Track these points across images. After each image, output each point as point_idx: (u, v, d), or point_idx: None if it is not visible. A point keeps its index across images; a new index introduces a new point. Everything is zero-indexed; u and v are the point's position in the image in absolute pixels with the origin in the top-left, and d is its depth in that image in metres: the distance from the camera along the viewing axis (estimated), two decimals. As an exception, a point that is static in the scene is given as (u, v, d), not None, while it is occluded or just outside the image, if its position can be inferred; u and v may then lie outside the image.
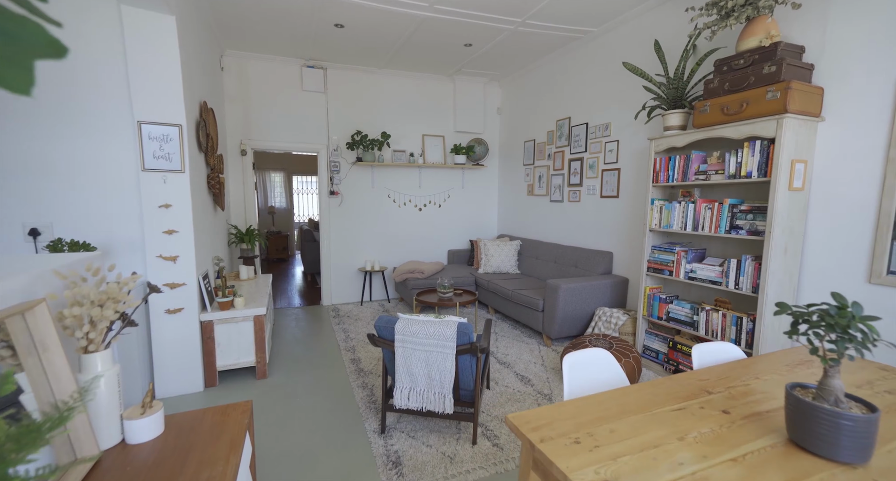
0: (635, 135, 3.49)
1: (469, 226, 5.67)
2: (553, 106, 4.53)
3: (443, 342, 1.90)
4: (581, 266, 3.94)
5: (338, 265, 5.00)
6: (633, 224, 3.56)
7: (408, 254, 5.36)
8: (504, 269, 4.75)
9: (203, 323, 2.66)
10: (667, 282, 3.12)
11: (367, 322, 4.23)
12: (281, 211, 9.01)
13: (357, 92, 4.85)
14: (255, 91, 4.40)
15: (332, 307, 4.85)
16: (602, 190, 3.89)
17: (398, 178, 5.19)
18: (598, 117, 3.91)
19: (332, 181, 4.85)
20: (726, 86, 2.37)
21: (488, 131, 5.61)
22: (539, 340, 3.68)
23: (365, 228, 5.09)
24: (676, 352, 2.81)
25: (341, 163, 4.88)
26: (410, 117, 5.16)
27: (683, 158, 2.75)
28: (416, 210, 5.34)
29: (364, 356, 3.30)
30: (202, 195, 2.93)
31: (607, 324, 3.26)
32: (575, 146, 4.22)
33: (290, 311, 4.70)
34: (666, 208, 2.89)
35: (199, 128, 2.83)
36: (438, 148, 5.32)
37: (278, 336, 3.82)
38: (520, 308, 3.84)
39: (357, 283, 5.12)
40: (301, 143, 4.67)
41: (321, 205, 4.89)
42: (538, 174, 4.85)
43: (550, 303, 3.43)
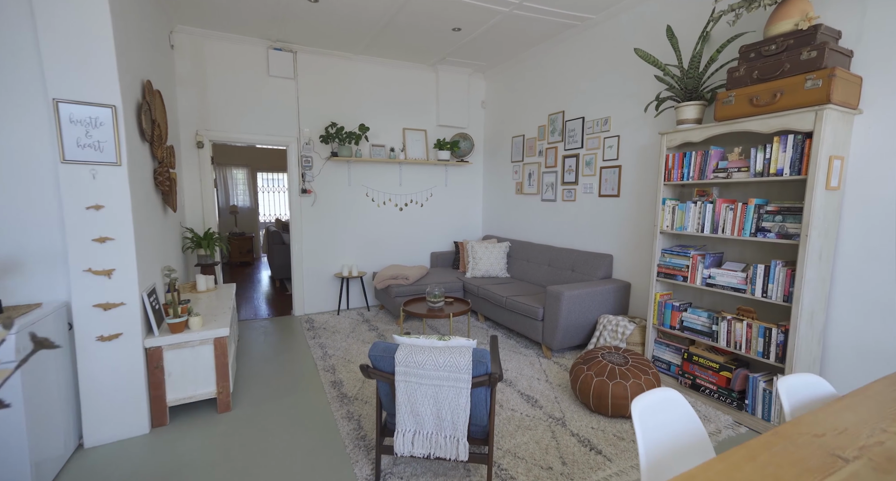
0: (639, 130, 3.26)
1: (453, 227, 5.33)
2: (545, 99, 4.26)
3: (456, 374, 1.55)
4: (578, 270, 3.70)
5: (311, 271, 4.53)
6: (636, 225, 3.34)
7: (389, 258, 4.96)
8: (493, 273, 4.45)
9: (149, 350, 2.18)
10: (677, 288, 2.91)
11: (346, 334, 3.81)
12: (244, 210, 8.33)
13: (331, 79, 4.39)
14: (213, 74, 3.86)
15: (305, 318, 4.38)
16: (601, 188, 3.66)
17: (377, 175, 4.78)
18: (596, 111, 3.66)
19: (304, 178, 4.37)
20: (755, 74, 2.15)
21: (472, 126, 5.29)
22: (538, 351, 3.40)
23: (341, 230, 4.64)
24: (692, 364, 2.59)
25: (314, 159, 4.41)
26: (390, 109, 4.76)
27: (700, 155, 2.52)
28: (397, 210, 4.94)
29: (347, 377, 2.89)
30: (147, 194, 2.43)
31: (613, 334, 3.02)
32: (570, 142, 3.97)
33: (257, 324, 4.19)
34: (679, 209, 2.67)
35: (142, 113, 2.33)
36: (420, 143, 4.95)
37: (244, 355, 3.34)
38: (516, 316, 3.55)
39: (333, 290, 4.67)
40: (268, 136, 4.17)
41: (292, 205, 4.41)
42: (528, 171, 4.58)
43: (552, 311, 3.15)
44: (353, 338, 3.70)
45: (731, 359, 2.48)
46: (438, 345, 1.85)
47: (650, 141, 3.18)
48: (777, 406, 2.15)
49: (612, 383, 2.28)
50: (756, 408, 2.25)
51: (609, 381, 2.30)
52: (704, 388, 2.51)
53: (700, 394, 2.54)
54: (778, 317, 2.32)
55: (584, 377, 2.40)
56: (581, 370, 2.46)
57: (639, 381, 2.28)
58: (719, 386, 2.43)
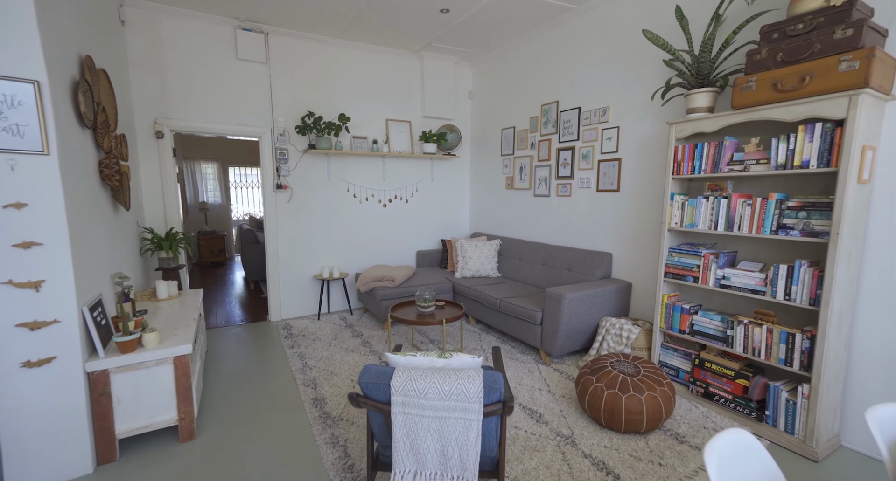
0: (641, 120, 3.07)
1: (440, 224, 5.07)
2: (537, 89, 4.03)
3: (465, 404, 1.30)
4: (575, 269, 3.50)
5: (288, 272, 4.19)
6: (637, 221, 3.16)
7: (372, 258, 4.66)
8: (484, 273, 4.22)
9: (92, 374, 1.84)
10: (685, 290, 2.74)
11: (328, 342, 3.50)
12: (215, 207, 7.82)
13: (308, 65, 4.04)
14: (173, 56, 3.45)
15: (282, 323, 4.04)
16: (599, 183, 3.46)
17: (359, 169, 4.46)
18: (593, 101, 3.46)
19: (279, 172, 4.01)
20: (779, 56, 1.97)
21: (459, 117, 5.02)
22: (535, 357, 3.19)
23: (320, 228, 4.31)
24: (704, 371, 2.43)
25: (290, 151, 4.05)
26: (373, 99, 4.44)
27: (714, 146, 2.34)
28: (381, 206, 4.64)
29: (330, 393, 2.61)
30: (90, 189, 2.07)
31: (617, 339, 2.83)
32: (564, 134, 3.75)
33: (228, 332, 3.83)
34: (690, 204, 2.48)
35: (80, 94, 1.96)
36: (405, 135, 4.65)
37: (214, 369, 3.00)
38: (511, 320, 3.32)
39: (312, 293, 4.34)
40: (238, 126, 3.79)
41: (266, 202, 4.04)
42: (519, 165, 4.35)
43: (552, 315, 2.93)
44: (335, 347, 3.40)
45: (746, 365, 2.32)
46: (439, 365, 1.59)
47: (653, 132, 2.99)
48: (802, 418, 2.00)
49: (626, 396, 2.08)
50: (778, 420, 2.09)
51: (622, 394, 2.09)
52: (719, 397, 2.35)
53: (714, 404, 2.37)
54: (800, 321, 2.17)
55: (594, 389, 2.19)
56: (589, 381, 2.26)
57: (654, 394, 2.09)
58: (735, 395, 2.27)
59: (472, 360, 1.60)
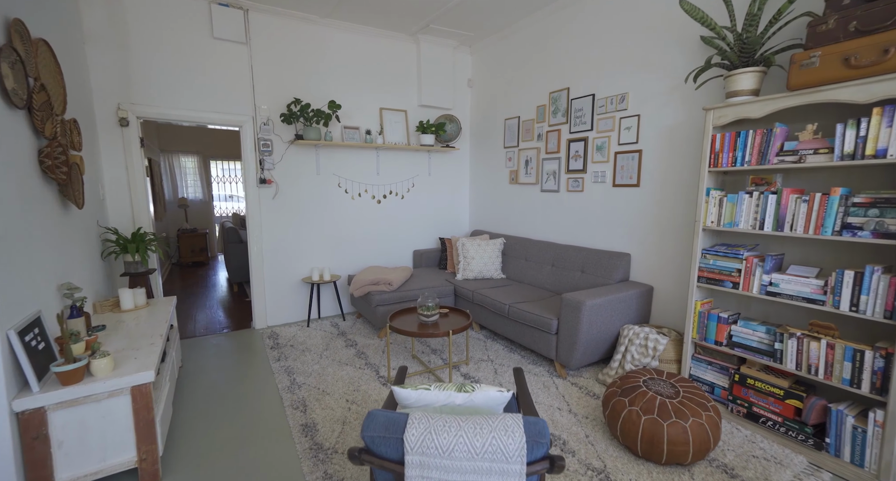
0: (665, 107, 2.77)
1: (438, 222, 4.74)
2: (545, 75, 3.71)
3: (503, 464, 0.99)
4: (590, 271, 3.21)
5: (274, 276, 3.83)
6: (659, 219, 2.88)
7: (366, 258, 4.31)
8: (487, 274, 3.91)
9: (22, 414, 1.48)
10: (719, 296, 2.46)
11: (319, 353, 3.16)
12: (196, 203, 7.37)
13: (293, 47, 3.65)
14: (139, 32, 3.04)
15: (268, 331, 3.68)
16: (615, 177, 3.17)
17: (351, 162, 4.10)
18: (609, 87, 3.15)
19: (262, 166, 3.64)
20: (851, 26, 1.68)
21: (458, 107, 4.68)
22: (549, 369, 2.90)
23: (309, 227, 3.95)
24: (746, 389, 2.15)
25: (274, 142, 3.68)
26: (365, 86, 4.07)
27: (761, 134, 2.05)
28: (375, 202, 4.29)
29: (322, 418, 2.28)
30: (21, 183, 1.69)
31: (642, 350, 2.55)
32: (576, 123, 3.44)
33: (208, 342, 3.46)
34: (729, 201, 2.20)
35: (5, 64, 1.58)
36: (400, 125, 4.30)
37: (187, 389, 2.64)
38: (521, 327, 3.02)
39: (301, 298, 3.99)
40: (215, 113, 3.40)
41: (248, 199, 3.67)
42: (524, 158, 4.04)
43: (569, 324, 2.64)
44: (327, 359, 3.07)
45: (794, 382, 2.06)
46: (458, 402, 1.28)
47: (680, 120, 2.70)
48: (874, 449, 1.73)
49: (667, 424, 1.80)
50: (842, 450, 1.83)
51: (662, 421, 1.81)
52: (765, 419, 2.08)
53: (760, 427, 2.10)
54: (869, 335, 1.90)
55: (628, 414, 1.90)
56: (621, 404, 1.96)
57: (699, 420, 1.80)
58: (786, 418, 2.00)
59: (498, 395, 1.30)
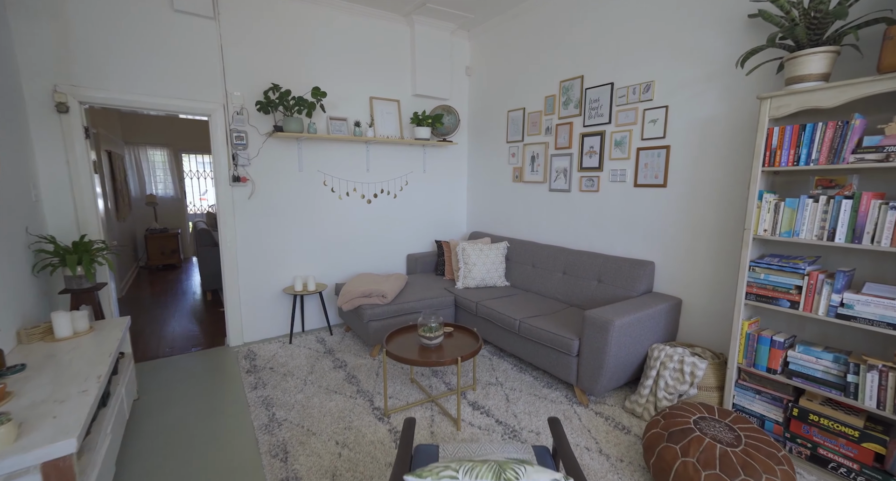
0: (699, 97, 2.44)
1: (433, 223, 4.35)
2: (555, 62, 3.34)
3: None
4: (608, 281, 2.88)
5: (251, 286, 3.39)
6: (690, 224, 2.55)
7: (355, 265, 3.90)
8: (490, 282, 3.55)
9: None
10: (766, 315, 2.15)
11: (303, 378, 2.76)
12: (167, 201, 6.79)
13: (270, 24, 3.19)
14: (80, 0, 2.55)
15: (244, 350, 3.25)
16: (637, 176, 2.83)
17: (338, 158, 3.67)
18: (631, 74, 2.80)
19: (236, 160, 3.18)
20: (971, -7, 1.35)
21: (456, 98, 4.28)
22: (567, 393, 2.56)
23: (291, 230, 3.51)
24: (808, 426, 1.85)
25: (249, 135, 3.22)
26: (354, 72, 3.63)
27: (833, 127, 1.72)
28: (364, 202, 3.88)
29: (306, 469, 1.88)
30: None
31: (677, 375, 2.23)
32: (592, 116, 3.09)
33: (173, 364, 3.01)
34: (787, 206, 1.87)
35: None
36: (392, 116, 3.88)
37: (140, 434, 2.20)
38: (535, 346, 2.68)
39: (282, 310, 3.56)
40: (178, 99, 2.92)
41: (220, 198, 3.21)
42: (530, 154, 3.68)
43: (594, 345, 2.30)
44: (312, 385, 2.66)
45: (866, 419, 1.76)
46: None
47: (718, 112, 2.36)
48: None
49: (736, 482, 1.47)
50: (941, 508, 1.54)
51: (729, 480, 1.48)
52: (836, 465, 1.78)
53: (831, 473, 1.80)
54: (962, 368, 1.61)
55: (683, 468, 1.57)
56: (670, 452, 1.63)
57: (773, 478, 1.48)
58: (863, 465, 1.70)
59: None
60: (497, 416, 2.31)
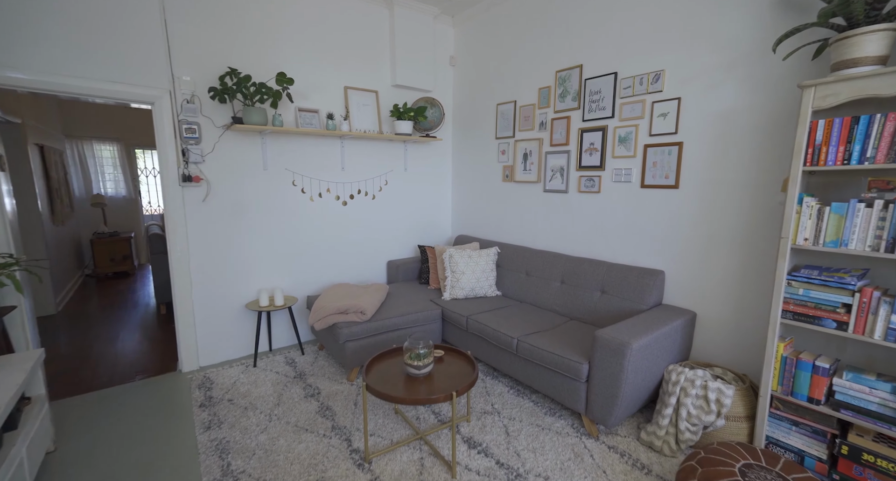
0: (717, 87, 2.17)
1: (416, 227, 3.99)
2: (551, 50, 3.04)
3: None
4: (612, 291, 2.60)
5: (208, 301, 2.94)
6: (706, 229, 2.29)
7: (329, 274, 3.49)
8: (480, 291, 3.23)
9: None
10: (802, 334, 1.91)
11: (268, 412, 2.35)
12: (118, 201, 6.13)
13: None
14: (-20, -42, 2.05)
15: (199, 376, 2.80)
16: (645, 175, 2.56)
17: (309, 154, 3.25)
18: (637, 63, 2.52)
19: (187, 157, 2.73)
20: None
21: (440, 89, 3.93)
22: (573, 422, 2.26)
23: (255, 237, 3.08)
24: (862, 467, 1.60)
25: (203, 127, 2.77)
26: (327, 58, 3.22)
27: (894, 120, 1.47)
28: (339, 204, 3.47)
29: (264, 546, 1.49)
30: None
31: (701, 403, 1.95)
32: (592, 109, 2.80)
33: (109, 398, 2.54)
34: (834, 212, 1.62)
35: None
36: (370, 109, 3.49)
37: (59, 492, 1.76)
38: (535, 368, 2.36)
39: (245, 328, 3.12)
40: (110, 83, 2.45)
41: (168, 201, 2.75)
42: (522, 151, 3.36)
43: (607, 371, 2.00)
44: (279, 421, 2.26)
45: (927, 457, 1.52)
46: None
47: (740, 104, 2.10)
48: None
49: (806, 557, 1.18)
50: None
51: (797, 553, 1.19)
52: (897, 513, 1.53)
53: (888, 523, 1.56)
54: None
55: (737, 535, 1.28)
56: (718, 513, 1.34)
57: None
58: (931, 515, 1.46)
59: None
60: (497, 456, 1.98)
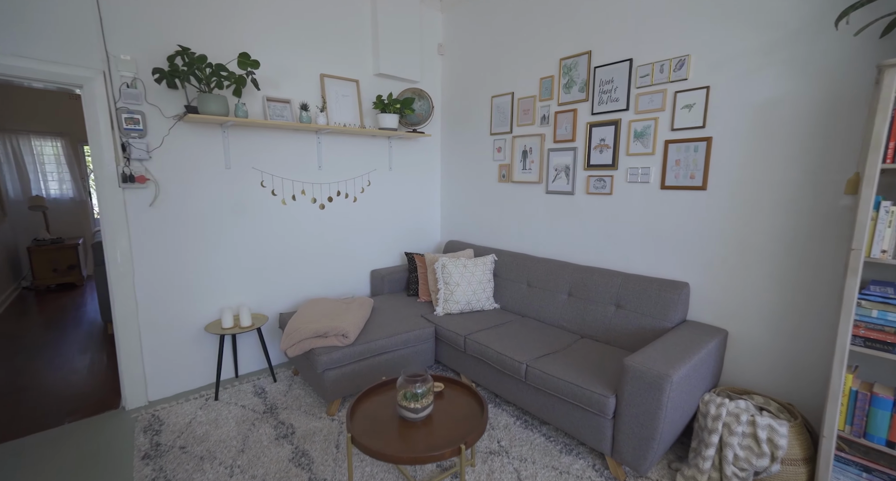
0: (755, 73, 1.90)
1: (401, 231, 3.61)
2: (553, 35, 2.72)
3: None
4: (629, 306, 2.30)
5: (157, 323, 2.47)
6: (739, 236, 2.02)
7: (306, 287, 3.07)
8: (477, 305, 2.88)
9: None
10: (870, 362, 1.64)
11: (230, 464, 1.92)
12: (64, 204, 5.47)
13: (175, -38, 2.30)
14: None
15: (146, 415, 2.34)
16: (665, 175, 2.26)
17: (280, 151, 2.82)
18: (656, 48, 2.23)
19: (128, 153, 2.27)
20: None
21: (427, 80, 3.56)
22: (594, 463, 1.93)
23: (216, 246, 2.63)
24: (952, 524, 1.34)
25: (148, 116, 2.31)
26: (300, 41, 2.80)
27: None
28: (316, 207, 3.06)
29: None
30: None
31: (749, 443, 1.66)
32: (602, 101, 2.50)
33: (26, 449, 2.05)
34: (920, 218, 1.35)
35: None
36: (350, 100, 3.08)
37: None
38: (548, 399, 2.03)
39: (205, 352, 2.67)
40: (24, 59, 1.97)
41: (104, 205, 2.28)
42: (521, 148, 3.04)
43: (641, 407, 1.68)
44: (243, 476, 1.84)
45: None
46: None
47: (783, 92, 1.83)
48: None
49: None
50: None
51: None
52: None
53: None
54: None
55: None
56: None
57: None
58: None
59: None
60: (512, 515, 1.63)
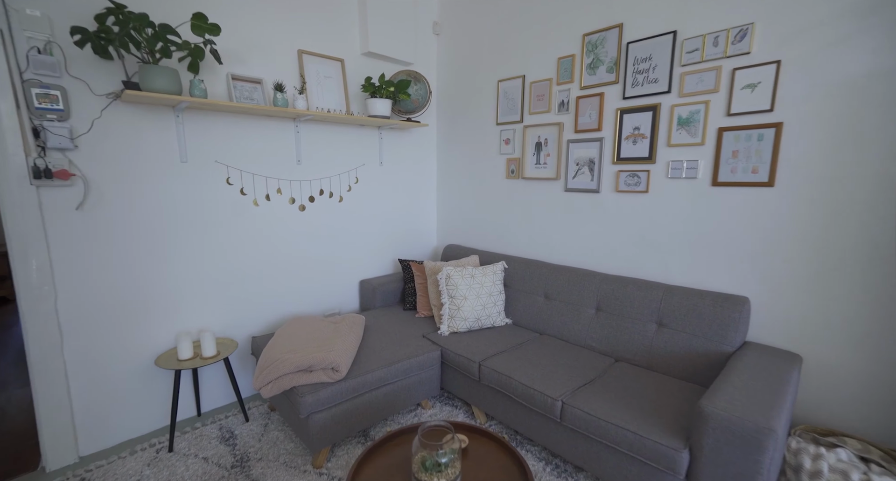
0: (839, 45, 1.55)
1: (394, 236, 3.15)
2: (573, 7, 2.33)
3: None
4: (675, 324, 1.93)
5: (90, 356, 1.95)
6: (816, 242, 1.67)
7: (284, 304, 2.58)
8: (487, 321, 2.47)
9: None
10: None
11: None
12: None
13: None
14: None
15: (74, 476, 1.82)
16: (718, 170, 1.90)
17: (250, 142, 2.32)
18: (707, 16, 1.86)
19: (42, 140, 1.74)
20: None
21: (422, 62, 3.12)
22: (656, 530, 1.55)
23: (169, 257, 2.11)
24: None
25: (70, 93, 1.79)
26: (272, 8, 2.31)
27: None
28: (295, 208, 2.57)
29: None
30: None
31: (863, 507, 1.31)
32: (637, 82, 2.11)
33: None
34: None
35: None
36: (334, 82, 2.61)
37: None
38: (589, 445, 1.64)
39: (156, 389, 2.15)
40: None
41: (7, 209, 1.74)
42: (534, 139, 2.64)
43: (731, 469, 1.30)
44: None
45: None
46: None
47: (881, 67, 1.48)
48: None
49: None
50: None
51: None
52: None
53: None
54: None
55: None
56: None
57: None
58: None
59: None
60: None
